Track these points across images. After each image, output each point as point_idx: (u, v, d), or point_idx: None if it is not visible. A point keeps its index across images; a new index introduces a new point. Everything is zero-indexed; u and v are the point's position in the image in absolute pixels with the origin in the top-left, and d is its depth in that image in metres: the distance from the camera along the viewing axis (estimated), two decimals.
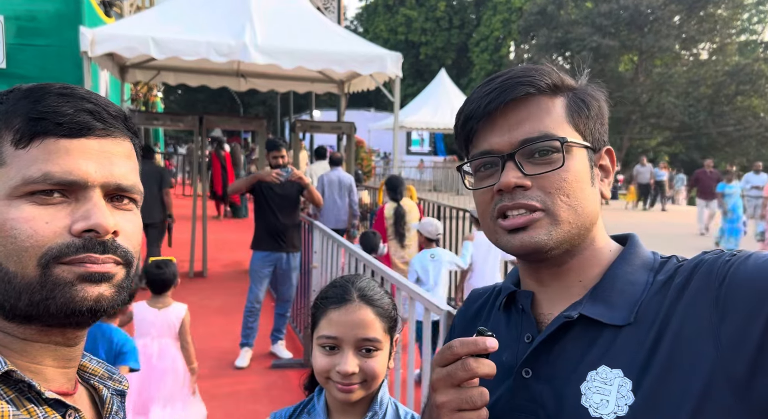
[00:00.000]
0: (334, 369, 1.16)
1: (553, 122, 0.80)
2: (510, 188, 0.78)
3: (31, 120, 0.63)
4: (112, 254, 0.65)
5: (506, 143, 0.80)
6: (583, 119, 0.82)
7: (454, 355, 0.73)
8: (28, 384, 0.62)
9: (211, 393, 4.14)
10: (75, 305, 0.62)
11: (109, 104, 0.69)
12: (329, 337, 1.18)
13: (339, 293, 1.22)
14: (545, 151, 0.78)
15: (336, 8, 15.46)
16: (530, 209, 0.77)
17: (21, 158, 0.63)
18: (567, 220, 0.78)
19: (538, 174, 0.78)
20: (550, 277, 0.83)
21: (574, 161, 0.79)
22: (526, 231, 0.77)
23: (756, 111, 27.97)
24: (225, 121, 8.96)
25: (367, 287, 1.24)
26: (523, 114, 0.80)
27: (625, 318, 0.75)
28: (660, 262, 0.81)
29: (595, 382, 0.73)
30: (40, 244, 0.61)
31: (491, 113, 0.80)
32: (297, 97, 16.02)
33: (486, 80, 0.84)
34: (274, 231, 4.78)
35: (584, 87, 0.85)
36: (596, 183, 0.83)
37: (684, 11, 28.32)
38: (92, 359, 0.79)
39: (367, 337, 1.17)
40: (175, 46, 5.78)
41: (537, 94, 0.80)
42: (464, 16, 38.02)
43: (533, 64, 0.84)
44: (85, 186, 0.64)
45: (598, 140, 0.84)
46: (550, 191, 0.78)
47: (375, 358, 1.18)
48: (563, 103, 0.81)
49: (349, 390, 1.16)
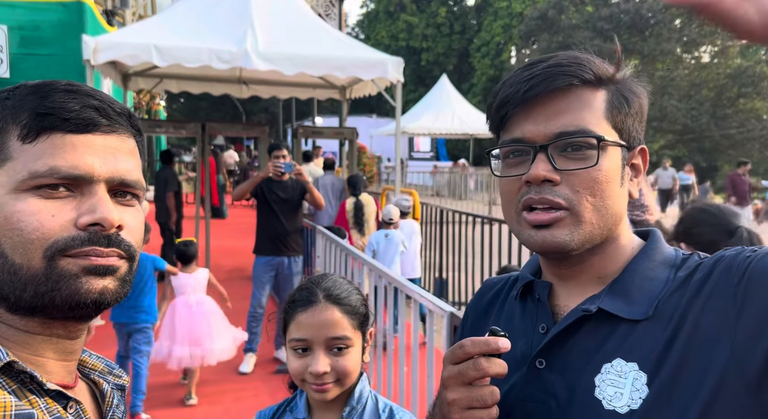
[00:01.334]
0: (307, 371, 1.17)
1: (591, 117, 0.77)
2: (539, 180, 0.76)
3: (38, 115, 0.64)
4: (116, 248, 0.66)
5: (541, 134, 0.77)
6: (622, 116, 0.79)
7: (465, 354, 0.73)
8: (30, 375, 0.62)
9: (216, 398, 4.13)
10: (80, 298, 0.63)
11: (114, 101, 0.70)
12: (299, 340, 1.19)
13: (305, 295, 1.23)
14: (579, 146, 0.76)
15: (337, 15, 15.53)
16: (555, 207, 0.76)
17: (28, 153, 0.64)
18: (590, 221, 0.76)
19: (569, 170, 0.76)
20: (570, 272, 0.82)
21: (607, 160, 0.77)
22: (549, 229, 0.76)
23: (759, 113, 27.92)
24: (227, 128, 8.99)
25: (333, 286, 1.25)
26: (562, 105, 0.77)
27: (643, 313, 0.75)
28: (681, 259, 0.80)
29: (609, 375, 0.73)
30: (46, 237, 0.62)
31: (529, 100, 0.77)
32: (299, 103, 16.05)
33: (528, 64, 0.81)
34: (275, 236, 4.79)
35: (627, 81, 0.81)
36: (626, 183, 0.81)
37: (685, 14, 28.32)
38: (92, 354, 0.80)
39: (335, 336, 1.19)
40: (178, 53, 5.81)
41: (580, 85, 0.77)
42: (465, 21, 38.14)
43: (579, 52, 0.81)
44: (91, 181, 0.65)
45: (634, 139, 0.82)
46: (578, 189, 0.76)
47: (346, 356, 1.20)
48: (604, 97, 0.78)
49: (324, 390, 1.18)
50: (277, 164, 4.68)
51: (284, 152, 4.84)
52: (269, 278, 4.83)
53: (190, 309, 4.05)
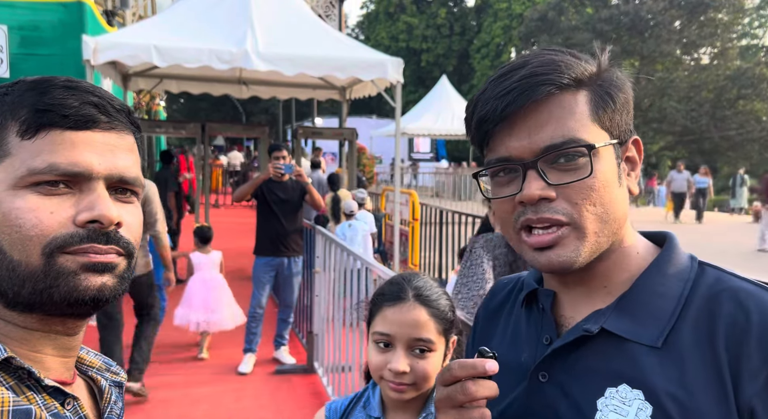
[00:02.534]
0: (387, 367, 1.15)
1: (577, 123, 0.72)
2: (534, 200, 0.72)
3: (37, 112, 0.64)
4: (114, 245, 0.66)
5: (527, 150, 0.73)
6: (609, 113, 0.75)
7: (453, 378, 0.71)
8: (28, 371, 0.62)
9: (215, 398, 4.13)
10: (78, 294, 0.63)
11: (113, 98, 0.70)
12: (382, 334, 1.17)
13: (395, 290, 1.21)
14: (570, 156, 0.72)
15: (337, 16, 15.54)
16: (556, 224, 0.72)
17: (26, 149, 0.63)
18: (593, 231, 0.72)
19: (563, 184, 0.72)
20: (574, 281, 0.79)
21: (601, 165, 0.72)
22: (553, 249, 0.72)
23: (758, 115, 27.94)
24: (227, 128, 9.01)
25: (424, 286, 1.22)
26: (544, 116, 0.72)
27: (652, 339, 0.71)
28: (696, 272, 0.75)
29: (613, 400, 0.70)
30: (44, 233, 0.62)
31: (509, 116, 0.72)
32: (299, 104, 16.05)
33: (500, 73, 0.76)
34: (276, 236, 4.79)
35: (608, 76, 0.76)
36: (623, 180, 0.77)
37: (685, 16, 28.38)
38: (89, 351, 0.80)
39: (420, 337, 1.16)
40: (178, 53, 5.81)
41: (559, 92, 0.72)
42: (465, 22, 38.16)
43: (552, 53, 0.76)
44: (90, 178, 0.65)
45: (625, 132, 0.77)
46: (577, 201, 0.71)
47: (427, 359, 1.16)
48: (587, 98, 0.74)
49: (400, 390, 1.15)
50: (277, 166, 4.68)
51: (284, 153, 4.85)
52: (269, 278, 4.83)
53: (206, 284, 4.96)
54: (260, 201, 4.84)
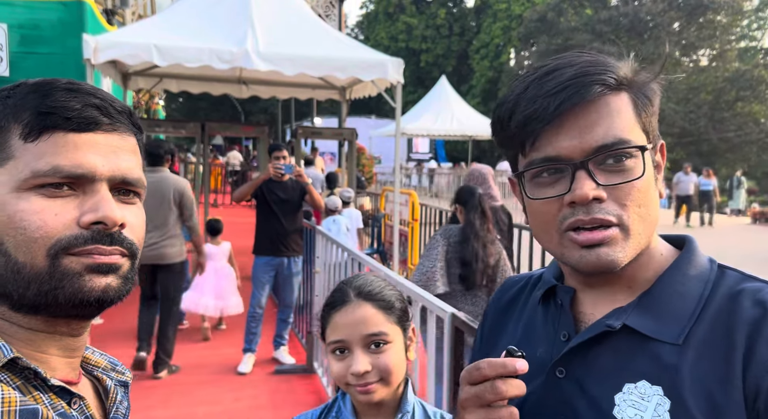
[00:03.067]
0: (349, 372, 1.15)
1: (625, 124, 0.72)
2: (587, 201, 0.71)
3: (40, 114, 0.64)
4: (118, 246, 0.66)
5: (577, 150, 0.72)
6: (648, 116, 0.75)
7: (482, 377, 0.71)
8: (34, 371, 0.63)
9: (214, 398, 4.13)
10: (83, 296, 0.63)
11: (115, 100, 0.70)
12: (337, 341, 1.17)
13: (338, 296, 1.22)
14: (619, 158, 0.72)
15: (337, 16, 15.55)
16: (606, 225, 0.72)
17: (30, 152, 0.64)
18: (638, 231, 0.73)
19: (615, 185, 0.72)
20: (599, 281, 0.78)
21: (646, 167, 0.74)
22: (602, 247, 0.72)
23: (756, 117, 28.00)
24: (227, 128, 9.01)
25: (365, 283, 1.23)
26: (594, 116, 0.72)
27: (673, 337, 0.71)
28: (717, 273, 0.76)
29: (632, 395, 0.71)
30: (49, 235, 0.62)
31: (561, 114, 0.71)
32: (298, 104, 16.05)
33: (543, 72, 0.75)
34: (275, 236, 4.79)
35: (646, 79, 0.76)
36: (657, 183, 0.77)
37: (683, 18, 28.44)
38: (95, 351, 0.80)
39: (371, 332, 1.16)
40: (178, 53, 5.81)
41: (609, 93, 0.72)
42: (464, 23, 38.21)
43: (593, 54, 0.76)
44: (93, 179, 0.65)
45: (657, 136, 0.78)
46: (626, 202, 0.72)
47: (386, 352, 1.16)
48: (630, 100, 0.74)
49: (368, 391, 1.14)
50: (277, 166, 4.68)
51: (284, 153, 4.85)
52: (269, 278, 4.83)
53: (217, 272, 5.43)
54: (260, 201, 4.84)
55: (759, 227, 16.70)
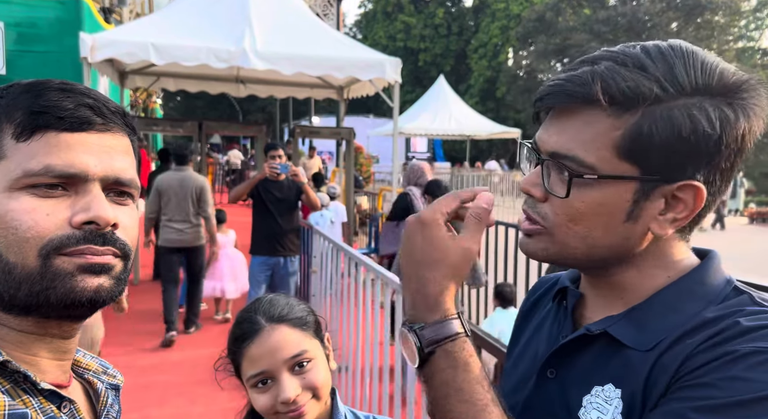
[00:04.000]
0: (278, 401, 1.08)
1: (592, 145, 0.68)
2: (522, 190, 0.76)
3: (32, 114, 0.64)
4: (111, 247, 0.66)
5: (544, 145, 0.73)
6: (646, 145, 0.66)
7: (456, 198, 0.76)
8: (24, 374, 0.62)
9: (212, 396, 4.13)
10: (75, 296, 0.63)
11: (108, 100, 0.70)
12: (258, 374, 1.10)
13: (246, 327, 1.14)
14: (562, 170, 0.71)
15: (335, 15, 15.54)
16: (533, 223, 0.75)
17: (22, 151, 0.63)
18: (571, 245, 0.72)
19: (550, 193, 0.73)
20: (596, 283, 0.79)
21: (597, 194, 0.69)
22: (530, 238, 0.76)
23: None
24: (224, 127, 9.01)
25: (270, 305, 1.16)
26: (569, 122, 0.70)
27: (647, 345, 0.70)
28: (727, 294, 0.70)
29: (598, 398, 0.71)
30: (41, 235, 0.62)
31: (542, 108, 0.75)
32: (296, 103, 16.07)
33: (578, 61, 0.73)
34: (272, 236, 4.78)
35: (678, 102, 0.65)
36: (642, 219, 0.70)
37: (682, 18, 28.48)
38: (86, 354, 0.79)
39: (292, 355, 1.10)
40: (175, 51, 5.80)
41: (598, 107, 0.67)
42: (463, 22, 38.20)
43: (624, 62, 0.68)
44: (86, 179, 0.65)
45: (675, 169, 0.67)
46: (558, 212, 0.72)
47: (312, 370, 1.12)
48: (627, 123, 0.66)
49: (301, 414, 1.08)
50: (272, 165, 4.68)
51: (280, 152, 4.84)
52: (265, 277, 4.82)
53: (229, 257, 5.97)
54: (256, 200, 4.83)
55: (756, 227, 16.75)
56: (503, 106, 33.45)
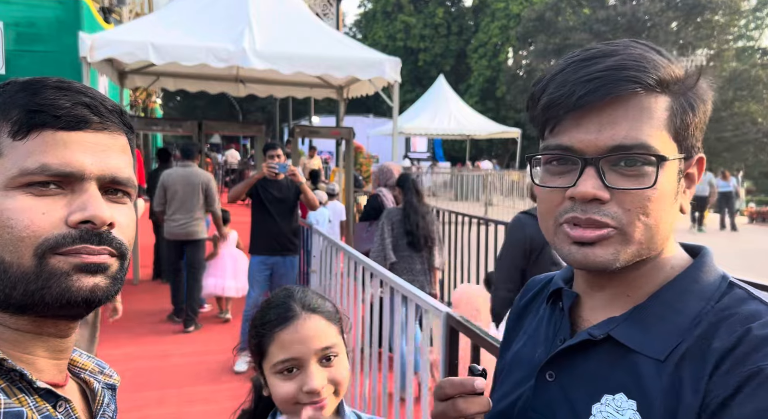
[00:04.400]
0: (302, 391, 1.08)
1: (651, 129, 0.68)
2: (587, 199, 0.68)
3: (29, 112, 0.64)
4: (107, 246, 0.65)
5: (593, 145, 0.68)
6: (685, 125, 0.70)
7: (445, 395, 0.74)
8: (20, 373, 0.62)
9: (211, 397, 4.13)
10: (71, 296, 0.63)
11: (106, 99, 0.69)
12: (287, 360, 1.09)
13: (281, 312, 1.13)
14: (635, 161, 0.68)
15: (334, 15, 15.53)
16: (602, 225, 0.69)
17: (18, 150, 0.63)
18: (639, 240, 0.69)
19: (622, 189, 0.68)
20: (601, 285, 0.77)
21: (664, 178, 0.69)
22: (593, 247, 0.69)
23: (754, 117, 28.05)
24: (224, 126, 8.99)
25: (306, 295, 1.17)
26: (620, 113, 0.67)
27: (657, 352, 0.69)
28: (723, 292, 0.71)
29: (608, 407, 0.69)
30: (36, 234, 0.62)
31: (584, 105, 0.68)
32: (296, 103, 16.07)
33: (584, 57, 0.70)
34: (271, 235, 4.78)
35: (694, 85, 0.71)
36: (679, 197, 0.73)
37: (681, 17, 28.47)
38: (82, 354, 0.79)
39: (325, 346, 1.11)
40: (175, 51, 5.80)
41: (643, 92, 0.68)
42: (462, 22, 38.18)
43: (643, 48, 0.70)
44: (82, 178, 0.65)
45: (694, 148, 0.73)
46: (630, 208, 0.68)
47: (338, 365, 1.13)
48: (667, 105, 0.69)
49: (323, 407, 1.09)
50: (271, 165, 4.68)
51: (279, 152, 4.83)
52: (264, 277, 4.82)
53: (231, 257, 6.05)
54: (255, 200, 4.83)
55: (756, 226, 16.75)
56: (503, 105, 33.45)
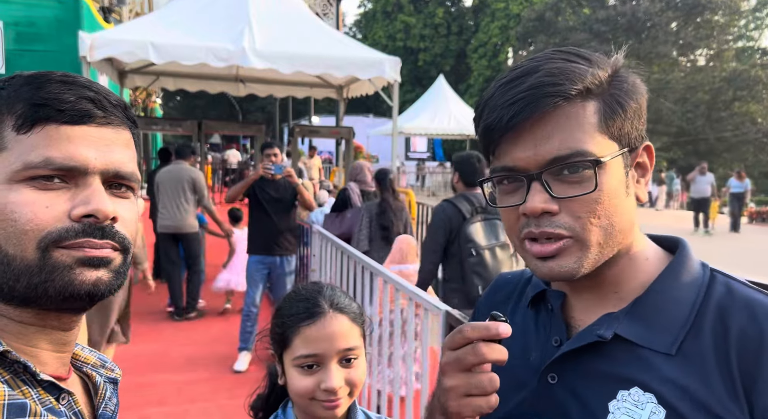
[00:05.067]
0: (320, 388, 1.08)
1: (584, 135, 0.71)
2: (536, 214, 0.71)
3: (33, 106, 0.64)
4: (110, 240, 0.65)
5: (532, 161, 0.71)
6: (618, 123, 0.73)
7: (464, 339, 0.70)
8: (23, 365, 0.62)
9: (211, 396, 4.13)
10: (73, 289, 0.63)
11: (110, 93, 0.70)
12: (309, 356, 1.09)
13: (309, 306, 1.13)
14: (576, 168, 0.70)
15: (334, 14, 15.53)
16: (557, 238, 0.71)
17: (22, 143, 0.63)
18: (597, 242, 0.72)
19: (568, 197, 0.71)
20: (583, 286, 0.78)
21: (607, 177, 0.71)
22: (555, 260, 0.72)
23: (753, 117, 28.07)
24: (224, 126, 9.01)
25: (335, 294, 1.17)
26: (550, 127, 0.71)
27: (666, 346, 0.70)
28: (709, 277, 0.74)
29: (626, 403, 0.70)
30: (40, 228, 0.62)
31: (515, 126, 0.71)
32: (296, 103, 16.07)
33: (508, 79, 0.74)
34: (268, 235, 4.76)
35: (619, 82, 0.74)
36: (632, 189, 0.75)
37: (681, 17, 28.49)
38: (84, 348, 0.79)
39: (348, 347, 1.11)
40: (175, 51, 5.80)
41: (566, 104, 0.71)
42: (462, 22, 38.20)
43: (562, 59, 0.73)
44: (85, 172, 0.65)
45: (636, 139, 0.75)
46: (580, 215, 0.71)
47: (356, 367, 1.13)
48: (595, 108, 0.72)
49: (337, 406, 1.09)
50: (266, 166, 4.66)
51: (276, 151, 4.81)
52: (262, 276, 4.81)
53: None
54: (252, 200, 4.82)
55: (756, 226, 16.76)
56: None
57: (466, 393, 0.70)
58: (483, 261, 3.16)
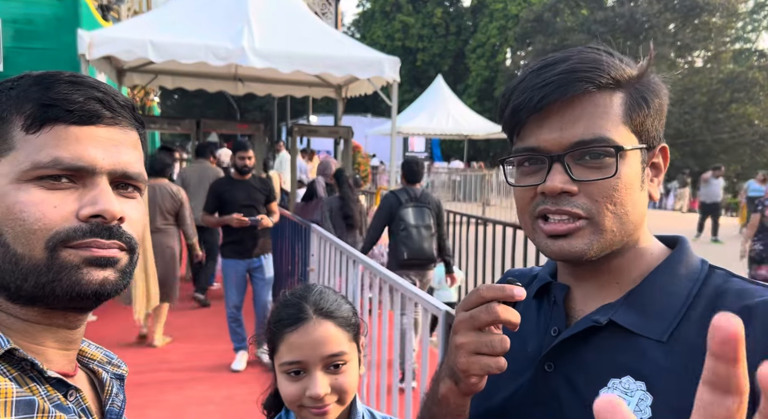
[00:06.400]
0: (305, 394, 1.08)
1: (609, 123, 0.74)
2: (555, 192, 0.73)
3: (42, 106, 0.64)
4: (117, 240, 0.66)
5: (556, 143, 0.74)
6: (641, 118, 0.76)
7: (479, 298, 0.71)
8: (31, 362, 0.63)
9: (208, 396, 4.13)
10: (80, 288, 0.63)
11: (118, 94, 0.70)
12: (293, 362, 1.08)
13: (293, 312, 1.11)
14: (598, 154, 0.73)
15: (333, 14, 15.51)
16: (573, 217, 0.74)
17: (31, 143, 0.64)
18: (611, 229, 0.74)
19: (587, 181, 0.73)
20: (586, 275, 0.80)
21: (626, 167, 0.74)
22: (566, 239, 0.74)
23: (750, 118, 28.15)
24: (222, 125, 8.99)
25: (322, 299, 1.14)
26: (578, 112, 0.74)
27: (658, 333, 0.72)
28: (707, 273, 0.76)
29: (616, 390, 0.72)
30: (48, 227, 0.62)
31: (543, 108, 0.73)
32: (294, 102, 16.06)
33: (541, 65, 0.77)
34: (240, 239, 4.69)
35: (646, 80, 0.78)
36: (646, 185, 0.78)
37: (679, 19, 28.56)
38: (90, 344, 0.80)
39: (332, 353, 1.09)
40: (174, 49, 5.79)
41: (596, 91, 0.74)
42: (461, 22, 38.23)
43: (595, 52, 0.77)
44: (93, 172, 0.65)
45: (654, 138, 0.78)
46: (597, 199, 0.73)
47: (345, 373, 1.11)
48: (622, 100, 0.75)
49: (325, 413, 1.08)
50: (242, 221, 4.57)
51: (249, 154, 4.70)
52: (238, 278, 4.73)
53: None
54: (225, 208, 4.69)
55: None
56: None
57: (476, 351, 0.71)
58: (410, 235, 4.46)
